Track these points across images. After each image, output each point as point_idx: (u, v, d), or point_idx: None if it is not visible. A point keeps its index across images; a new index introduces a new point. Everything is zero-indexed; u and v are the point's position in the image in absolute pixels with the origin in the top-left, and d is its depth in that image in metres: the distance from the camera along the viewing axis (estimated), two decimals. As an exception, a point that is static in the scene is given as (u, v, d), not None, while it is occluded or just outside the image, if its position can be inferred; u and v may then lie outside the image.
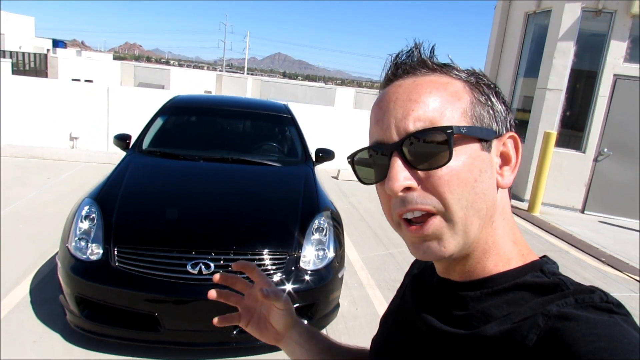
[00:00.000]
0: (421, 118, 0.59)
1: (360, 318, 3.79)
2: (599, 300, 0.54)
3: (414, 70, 0.63)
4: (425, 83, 0.61)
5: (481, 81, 0.64)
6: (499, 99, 0.65)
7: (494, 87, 0.65)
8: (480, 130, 0.61)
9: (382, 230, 6.03)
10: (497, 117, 0.63)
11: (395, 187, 0.59)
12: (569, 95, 8.24)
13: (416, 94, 0.60)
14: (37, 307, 3.44)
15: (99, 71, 27.72)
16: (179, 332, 2.91)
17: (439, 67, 0.64)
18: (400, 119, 0.60)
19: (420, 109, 0.59)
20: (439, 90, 0.61)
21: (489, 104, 0.63)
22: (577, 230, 7.13)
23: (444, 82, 0.62)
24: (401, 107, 0.60)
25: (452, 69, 0.64)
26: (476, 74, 0.65)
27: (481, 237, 0.62)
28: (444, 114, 0.59)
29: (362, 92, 28.98)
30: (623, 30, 7.71)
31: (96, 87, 9.62)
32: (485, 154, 0.61)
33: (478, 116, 0.61)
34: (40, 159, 8.01)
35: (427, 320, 0.65)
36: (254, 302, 0.89)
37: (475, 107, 0.62)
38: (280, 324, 0.87)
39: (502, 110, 0.64)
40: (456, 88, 0.62)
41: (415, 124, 0.59)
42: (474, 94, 0.62)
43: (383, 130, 0.62)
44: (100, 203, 3.25)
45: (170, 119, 4.98)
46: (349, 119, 9.96)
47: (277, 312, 0.86)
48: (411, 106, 0.60)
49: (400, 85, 0.63)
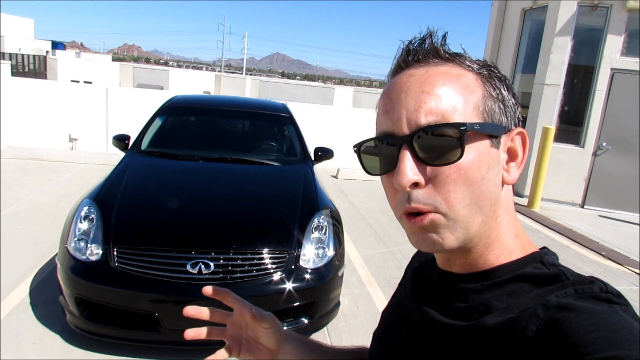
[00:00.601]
0: (433, 111, 0.57)
1: (361, 316, 3.79)
2: (598, 291, 0.53)
3: (426, 59, 0.61)
4: (438, 74, 0.60)
5: (493, 74, 0.62)
6: (510, 92, 0.63)
7: (505, 80, 0.63)
8: (492, 127, 0.59)
9: (382, 229, 6.03)
10: (507, 112, 0.62)
11: (403, 182, 0.57)
12: (567, 90, 8.23)
13: (429, 85, 0.58)
14: (36, 308, 3.44)
15: (98, 72, 27.67)
16: (179, 332, 2.89)
17: (452, 57, 0.62)
18: (412, 111, 0.58)
19: (433, 102, 0.58)
20: (452, 83, 0.59)
21: (500, 97, 0.61)
22: (577, 225, 7.13)
23: (456, 74, 0.60)
24: (413, 98, 0.58)
25: (464, 60, 0.62)
26: (488, 65, 0.63)
27: (484, 231, 0.61)
28: (457, 108, 0.58)
29: (360, 91, 29.00)
30: (619, 24, 7.71)
31: (95, 88, 9.62)
32: (494, 151, 0.60)
33: (489, 111, 0.60)
34: (39, 160, 8.00)
35: (428, 313, 0.65)
36: (238, 329, 0.86)
37: (487, 102, 0.60)
38: (272, 341, 0.84)
39: (512, 104, 0.63)
40: (469, 80, 0.60)
41: (427, 118, 0.57)
42: (485, 87, 0.61)
43: (393, 121, 0.60)
44: (100, 203, 3.25)
45: (169, 119, 4.97)
46: (347, 118, 9.96)
47: (266, 331, 0.83)
48: (423, 98, 0.58)
49: (412, 74, 0.60)
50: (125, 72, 29.20)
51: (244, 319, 0.84)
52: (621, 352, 0.45)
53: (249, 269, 2.98)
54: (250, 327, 0.84)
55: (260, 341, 0.84)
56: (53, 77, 26.41)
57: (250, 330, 0.85)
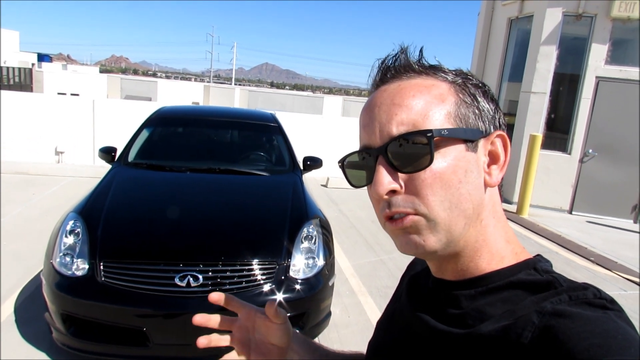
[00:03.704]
0: (404, 122, 0.60)
1: (353, 326, 3.76)
2: (592, 297, 0.54)
3: (400, 75, 0.64)
4: (409, 87, 0.62)
5: (468, 82, 0.64)
6: (487, 97, 0.64)
7: (482, 87, 0.65)
8: (464, 132, 0.60)
9: (373, 237, 6.02)
10: (483, 117, 0.63)
11: (379, 191, 0.60)
12: (553, 98, 8.34)
13: (400, 98, 0.61)
14: (22, 326, 3.36)
15: (85, 85, 27.49)
16: (168, 347, 2.86)
17: (425, 70, 0.64)
18: (384, 123, 0.61)
19: (404, 113, 0.60)
20: (423, 94, 0.61)
21: (475, 103, 0.63)
22: (566, 230, 7.19)
23: (428, 85, 0.62)
24: (385, 111, 0.61)
25: (438, 71, 0.64)
26: (464, 74, 0.65)
27: (470, 235, 0.62)
28: (427, 117, 0.59)
29: (349, 100, 29.11)
30: (603, 33, 7.85)
31: (81, 100, 9.54)
32: (471, 154, 0.61)
33: (463, 117, 0.61)
34: (25, 174, 7.89)
35: (423, 320, 0.65)
36: (245, 332, 0.84)
37: (460, 108, 0.61)
38: (284, 338, 0.82)
39: (489, 109, 0.64)
40: (441, 90, 0.62)
41: (398, 128, 0.60)
42: (459, 95, 0.62)
43: (369, 134, 0.63)
44: (86, 217, 3.20)
45: (157, 131, 4.93)
46: (337, 127, 9.99)
47: (277, 328, 0.81)
48: (395, 110, 0.60)
49: (386, 90, 0.63)
50: (113, 84, 29.05)
51: (251, 321, 0.83)
52: (616, 359, 0.45)
53: (238, 281, 2.94)
54: (259, 328, 0.82)
55: (271, 341, 0.82)
56: (39, 89, 26.20)
57: (258, 332, 0.83)
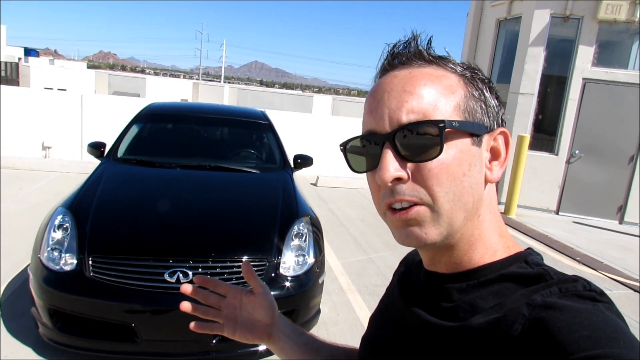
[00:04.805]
0: (414, 110, 0.59)
1: (342, 324, 3.77)
2: (582, 289, 0.54)
3: (410, 62, 0.63)
4: (420, 75, 0.61)
5: (476, 75, 0.64)
6: (492, 94, 0.65)
7: (488, 82, 0.66)
8: (472, 125, 0.61)
9: (362, 236, 6.04)
10: (489, 112, 0.63)
11: (385, 177, 0.59)
12: (541, 99, 8.43)
13: (411, 85, 0.60)
14: (8, 321, 3.32)
15: (73, 80, 27.13)
16: (156, 343, 2.85)
17: (435, 60, 0.63)
18: (394, 109, 0.60)
19: (414, 101, 0.59)
20: (434, 83, 0.60)
21: (482, 98, 0.63)
22: (552, 231, 7.27)
23: (439, 75, 0.62)
24: (395, 98, 0.60)
25: (448, 62, 0.64)
26: (471, 68, 0.65)
27: (467, 229, 0.62)
28: (437, 107, 0.59)
29: (339, 100, 29.13)
30: (590, 35, 7.95)
31: (69, 95, 9.43)
32: (475, 149, 0.61)
33: (471, 110, 0.61)
34: (11, 169, 7.78)
35: (415, 313, 0.65)
36: (232, 309, 0.87)
37: (469, 102, 0.62)
38: (269, 314, 0.87)
39: (494, 105, 0.64)
40: (451, 81, 0.62)
41: (408, 116, 0.59)
42: (468, 88, 0.62)
43: (376, 120, 0.61)
44: (74, 212, 3.17)
45: (146, 127, 4.90)
46: (326, 126, 9.99)
47: (262, 302, 0.86)
48: (405, 97, 0.60)
49: (396, 76, 0.62)
50: (101, 80, 28.71)
51: (237, 299, 0.86)
52: (605, 351, 0.45)
53: (228, 277, 2.94)
54: (245, 306, 0.87)
55: (257, 317, 0.86)
56: (26, 84, 25.81)
57: (244, 309, 0.87)
